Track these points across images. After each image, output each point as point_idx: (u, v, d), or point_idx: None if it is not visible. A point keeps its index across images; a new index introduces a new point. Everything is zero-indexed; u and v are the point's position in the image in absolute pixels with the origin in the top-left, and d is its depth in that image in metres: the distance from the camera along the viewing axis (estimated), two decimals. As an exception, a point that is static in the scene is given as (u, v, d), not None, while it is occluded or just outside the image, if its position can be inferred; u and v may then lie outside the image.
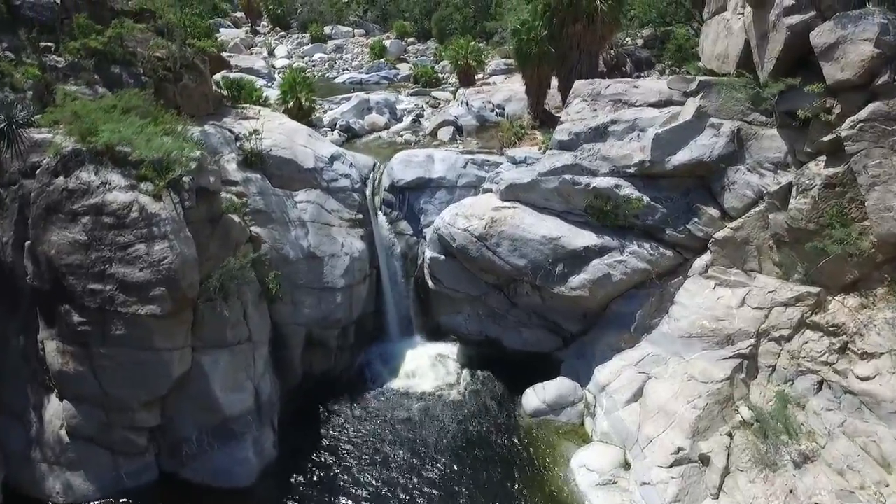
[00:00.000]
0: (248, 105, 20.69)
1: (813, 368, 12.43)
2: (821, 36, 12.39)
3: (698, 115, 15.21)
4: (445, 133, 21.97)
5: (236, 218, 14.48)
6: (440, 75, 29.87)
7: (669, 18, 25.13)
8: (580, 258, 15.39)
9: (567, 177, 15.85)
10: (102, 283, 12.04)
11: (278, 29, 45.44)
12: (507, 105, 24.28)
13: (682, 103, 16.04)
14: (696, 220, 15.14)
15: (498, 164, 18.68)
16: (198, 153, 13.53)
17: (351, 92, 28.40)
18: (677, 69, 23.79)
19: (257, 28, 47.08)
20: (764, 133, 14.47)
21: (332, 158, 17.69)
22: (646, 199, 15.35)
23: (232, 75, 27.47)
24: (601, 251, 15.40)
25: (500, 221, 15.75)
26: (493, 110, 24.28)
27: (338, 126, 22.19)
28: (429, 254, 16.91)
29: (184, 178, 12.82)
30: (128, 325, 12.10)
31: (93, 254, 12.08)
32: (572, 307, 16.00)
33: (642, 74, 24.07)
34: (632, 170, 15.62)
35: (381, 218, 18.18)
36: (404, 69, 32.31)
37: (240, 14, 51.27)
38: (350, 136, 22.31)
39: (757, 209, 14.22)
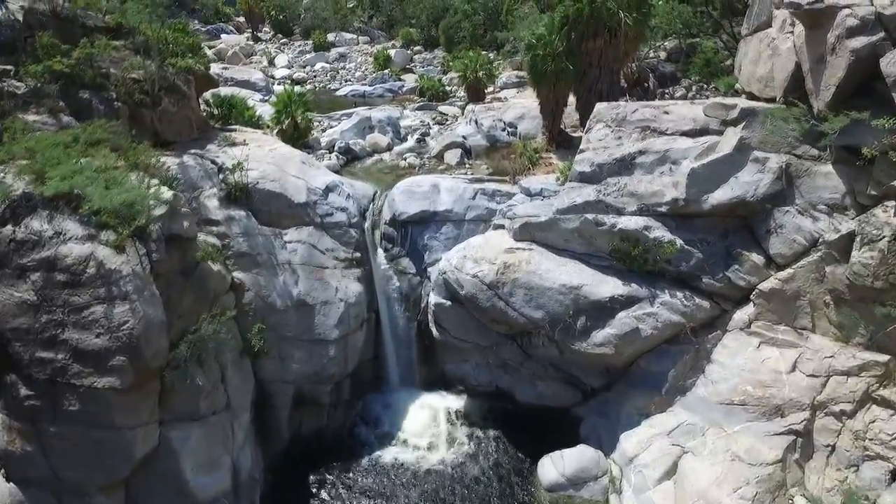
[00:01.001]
0: (238, 127, 19.02)
1: (883, 454, 10.61)
2: (894, 64, 10.57)
3: (740, 147, 13.44)
4: (453, 156, 20.21)
5: (215, 266, 12.78)
6: (447, 88, 28.11)
7: (695, 30, 23.26)
8: (605, 310, 13.59)
9: (589, 216, 14.06)
10: (53, 350, 10.34)
11: (280, 35, 43.80)
12: (519, 123, 22.48)
13: (719, 133, 14.25)
14: (736, 267, 13.35)
15: (510, 195, 16.92)
16: (169, 194, 11.84)
17: (353, 106, 26.73)
18: (705, 85, 21.99)
19: (259, 34, 45.48)
20: (817, 170, 12.68)
21: (328, 190, 15.96)
22: (679, 242, 13.56)
23: (226, 90, 26.00)
24: (628, 302, 13.60)
25: (514, 267, 13.97)
26: (504, 129, 22.49)
27: (336, 148, 20.46)
28: (433, 299, 15.15)
29: (151, 227, 11.12)
30: (82, 400, 10.39)
31: (43, 316, 10.38)
32: (594, 362, 14.20)
33: (666, 91, 22.24)
34: (663, 209, 13.84)
35: (381, 255, 16.44)
36: (410, 80, 30.59)
37: (242, 19, 49.74)
38: (350, 158, 20.58)
39: (810, 259, 12.42)
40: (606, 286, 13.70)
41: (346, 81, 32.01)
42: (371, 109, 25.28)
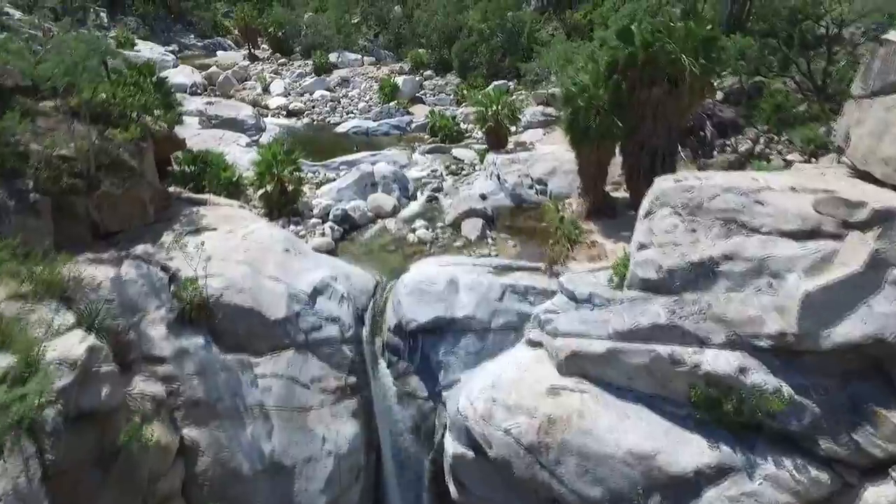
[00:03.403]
0: (209, 196, 15.58)
1: None
2: None
3: (873, 263, 9.84)
4: (472, 228, 16.62)
5: (153, 433, 9.30)
6: (462, 126, 24.54)
7: (758, 65, 19.58)
8: (687, 485, 9.98)
9: (663, 351, 10.48)
10: None
11: (278, 55, 40.32)
12: (549, 180, 18.87)
13: (838, 237, 10.59)
14: (867, 427, 9.76)
15: (548, 294, 13.38)
16: (82, 348, 8.38)
17: (354, 148, 23.15)
18: (775, 137, 18.26)
19: (256, 52, 42.05)
20: None
21: (316, 293, 12.51)
22: (787, 390, 9.97)
23: (208, 134, 22.63)
24: (718, 474, 9.99)
25: (562, 423, 10.38)
26: (531, 186, 18.91)
27: (332, 216, 16.92)
28: (451, 447, 11.59)
29: (46, 413, 7.65)
30: None
31: None
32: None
33: (727, 143, 18.56)
34: (763, 343, 10.24)
35: (384, 370, 12.93)
36: (419, 114, 27.03)
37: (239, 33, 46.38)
38: (348, 228, 17.02)
39: None
40: (688, 451, 10.09)
41: (347, 114, 28.45)
42: (375, 155, 21.75)
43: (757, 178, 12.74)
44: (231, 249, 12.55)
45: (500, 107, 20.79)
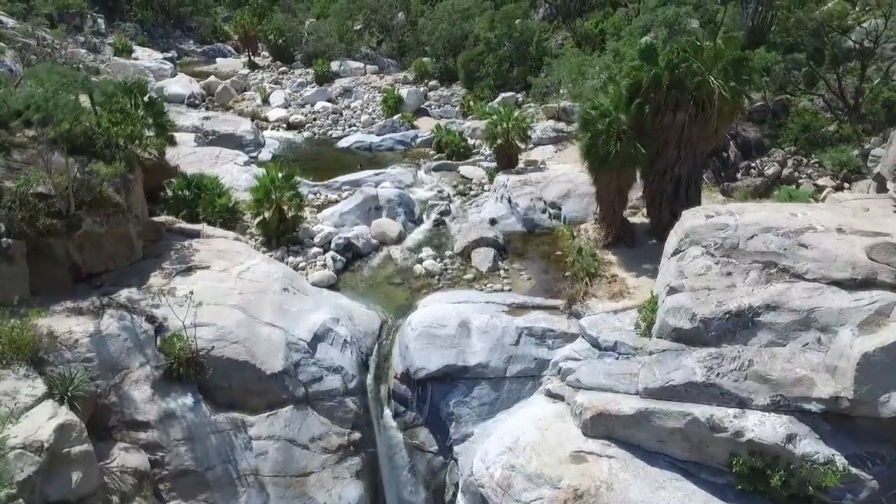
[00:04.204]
0: (203, 227, 14.57)
1: None
2: None
3: (938, 321, 8.75)
4: (483, 258, 15.59)
5: (133, 516, 8.30)
6: (469, 142, 23.50)
7: (783, 81, 18.55)
8: (729, 570, 8.97)
9: (700, 415, 9.44)
10: None
11: (279, 63, 39.30)
12: (563, 203, 17.89)
13: (893, 287, 9.58)
14: (933, 504, 8.66)
15: (567, 337, 12.40)
16: (51, 432, 7.39)
17: (357, 166, 22.19)
18: (804, 159, 17.23)
19: (256, 60, 41.06)
20: None
21: (316, 339, 11.56)
22: (841, 461, 8.93)
23: (204, 152, 21.62)
24: (765, 557, 8.97)
25: (589, 497, 9.34)
26: (544, 210, 17.94)
27: (333, 245, 15.90)
28: (464, 514, 10.57)
29: (4, 511, 6.65)
30: None
31: None
32: None
33: (753, 164, 17.52)
34: (813, 407, 9.20)
35: (390, 420, 11.92)
36: (424, 127, 26.02)
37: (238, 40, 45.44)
38: (351, 257, 16.01)
39: None
40: (730, 528, 9.07)
41: (350, 127, 27.44)
42: (379, 174, 20.73)
43: (795, 213, 11.76)
44: (224, 293, 11.56)
45: (510, 124, 19.77)
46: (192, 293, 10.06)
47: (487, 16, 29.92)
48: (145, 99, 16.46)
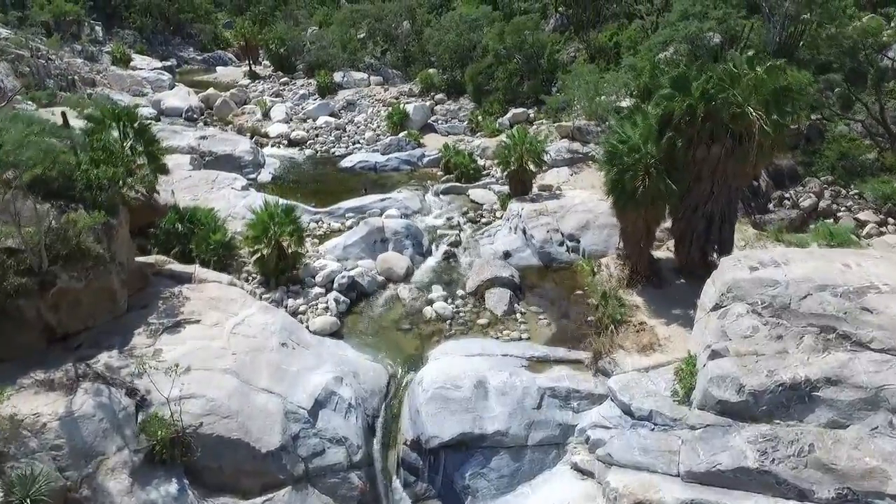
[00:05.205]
0: (196, 268, 13.45)
1: None
2: None
3: None
4: (497, 300, 14.43)
5: None
6: (479, 162, 22.34)
7: (820, 106, 17.36)
8: None
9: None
10: None
11: (280, 73, 38.17)
12: (582, 235, 16.73)
13: (977, 363, 8.41)
14: None
15: (594, 399, 11.25)
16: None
17: (362, 189, 21.08)
18: (843, 190, 16.03)
19: (256, 69, 39.96)
20: None
21: (317, 405, 10.45)
22: (921, 571, 7.74)
23: (199, 176, 20.49)
24: None
25: None
26: (562, 243, 16.77)
27: (336, 284, 14.75)
28: None
29: None
30: None
31: None
32: None
33: (787, 195, 16.33)
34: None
35: (400, 491, 10.77)
36: (431, 145, 24.87)
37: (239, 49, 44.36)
38: (356, 296, 14.87)
39: None
40: None
41: (353, 144, 26.27)
42: (384, 199, 19.61)
43: (849, 263, 10.60)
44: (216, 354, 10.43)
45: (523, 148, 18.60)
46: (177, 366, 8.92)
47: (497, 27, 28.73)
48: (135, 126, 15.33)
